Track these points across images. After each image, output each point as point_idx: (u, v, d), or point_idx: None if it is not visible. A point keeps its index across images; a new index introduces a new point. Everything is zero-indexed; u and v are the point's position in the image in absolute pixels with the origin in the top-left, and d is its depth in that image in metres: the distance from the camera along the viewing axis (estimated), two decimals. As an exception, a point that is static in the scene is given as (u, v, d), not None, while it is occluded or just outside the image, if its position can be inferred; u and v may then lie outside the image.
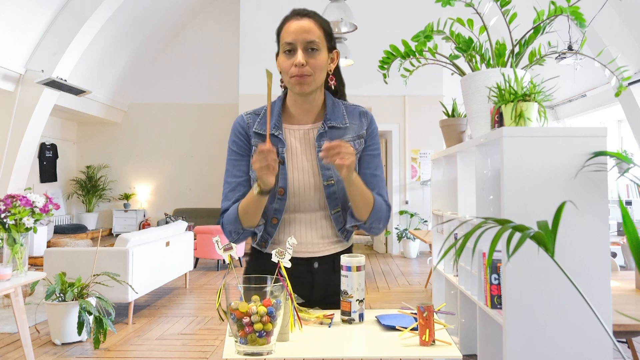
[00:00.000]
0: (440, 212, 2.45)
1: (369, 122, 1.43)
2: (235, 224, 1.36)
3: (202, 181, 10.38)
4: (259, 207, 1.32)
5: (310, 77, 1.33)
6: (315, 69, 1.33)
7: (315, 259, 1.41)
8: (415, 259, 7.76)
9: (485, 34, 1.77)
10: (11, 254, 2.64)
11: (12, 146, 6.65)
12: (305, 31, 1.31)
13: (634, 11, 5.50)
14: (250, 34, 8.54)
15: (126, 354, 3.40)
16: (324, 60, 1.35)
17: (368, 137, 1.42)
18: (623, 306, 2.00)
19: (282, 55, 1.35)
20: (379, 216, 1.37)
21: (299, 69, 1.31)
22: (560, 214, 0.88)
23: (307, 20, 1.33)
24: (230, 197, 1.40)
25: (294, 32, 1.32)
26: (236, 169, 1.42)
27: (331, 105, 1.42)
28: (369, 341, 1.16)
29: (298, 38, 1.31)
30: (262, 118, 1.42)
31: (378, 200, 1.36)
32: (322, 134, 1.38)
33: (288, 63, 1.33)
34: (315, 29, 1.33)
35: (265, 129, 1.39)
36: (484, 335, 1.69)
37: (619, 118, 7.80)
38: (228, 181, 1.42)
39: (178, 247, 5.13)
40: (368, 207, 1.34)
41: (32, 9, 6.09)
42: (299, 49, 1.31)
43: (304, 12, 1.36)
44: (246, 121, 1.43)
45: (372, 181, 1.40)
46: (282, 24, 1.37)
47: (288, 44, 1.32)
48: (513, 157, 1.39)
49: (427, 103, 8.26)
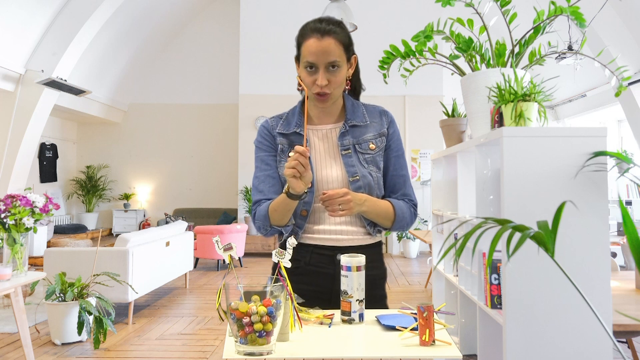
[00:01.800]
0: (440, 212, 2.45)
1: (390, 122, 1.50)
2: (264, 221, 1.41)
3: (202, 181, 10.38)
4: (287, 209, 1.37)
5: (330, 94, 1.40)
6: (336, 86, 1.40)
7: (340, 249, 1.44)
8: (415, 259, 7.76)
9: (485, 34, 1.77)
10: (11, 254, 2.64)
11: (12, 146, 6.65)
12: (326, 52, 1.36)
13: (634, 11, 5.50)
14: (250, 34, 8.54)
15: (126, 354, 3.40)
16: (343, 75, 1.42)
17: (391, 139, 1.49)
18: (623, 306, 2.00)
19: (303, 70, 1.41)
20: (402, 224, 1.46)
21: (321, 88, 1.37)
22: (560, 214, 0.88)
23: (328, 40, 1.36)
24: (261, 188, 1.46)
25: (315, 53, 1.36)
26: (264, 163, 1.48)
27: (351, 106, 1.49)
28: (369, 341, 1.16)
29: (320, 60, 1.36)
30: (284, 120, 1.50)
31: (399, 209, 1.44)
32: (344, 133, 1.45)
33: (310, 80, 1.39)
34: (335, 49, 1.37)
35: (289, 129, 1.47)
36: (484, 335, 1.69)
37: (619, 118, 7.80)
38: (257, 176, 1.48)
39: (178, 247, 5.13)
40: (389, 220, 1.44)
41: (32, 9, 6.09)
42: (321, 69, 1.37)
43: (325, 29, 1.37)
44: (270, 124, 1.51)
45: (398, 182, 1.49)
46: (302, 37, 1.40)
47: (309, 63, 1.37)
48: (513, 157, 1.39)
49: (427, 103, 8.26)
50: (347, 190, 1.33)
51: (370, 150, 1.45)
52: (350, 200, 1.31)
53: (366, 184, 1.42)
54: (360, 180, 1.42)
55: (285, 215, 1.38)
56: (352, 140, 1.45)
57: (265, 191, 1.44)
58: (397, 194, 1.49)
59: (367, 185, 1.42)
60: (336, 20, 1.42)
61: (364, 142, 1.45)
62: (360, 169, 1.42)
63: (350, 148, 1.44)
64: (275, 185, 1.45)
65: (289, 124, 1.48)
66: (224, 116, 10.16)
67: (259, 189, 1.46)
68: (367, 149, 1.45)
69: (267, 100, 8.42)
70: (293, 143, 1.45)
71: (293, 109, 1.52)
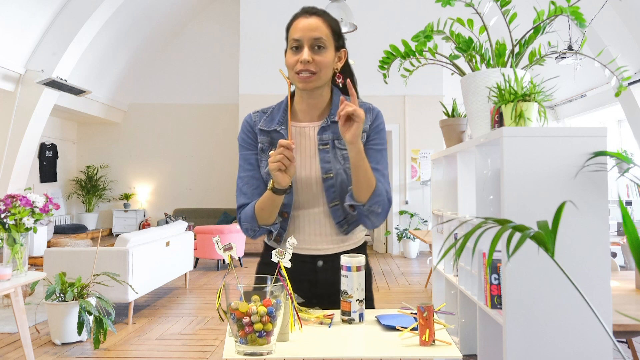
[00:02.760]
0: (440, 212, 2.45)
1: (374, 118, 1.43)
2: (252, 222, 1.38)
3: (202, 181, 10.38)
4: (274, 205, 1.34)
5: (315, 75, 1.34)
6: (321, 67, 1.34)
7: (320, 257, 1.42)
8: (415, 259, 7.76)
9: (485, 34, 1.77)
10: (11, 254, 2.64)
11: (12, 146, 6.65)
12: (312, 29, 1.33)
13: (634, 11, 5.50)
14: (250, 34, 8.53)
15: (126, 354, 3.40)
16: (330, 58, 1.36)
17: (372, 132, 1.42)
18: (623, 306, 2.00)
19: (288, 51, 1.37)
20: (378, 200, 1.33)
21: (304, 65, 1.33)
22: (560, 214, 0.88)
23: (315, 19, 1.36)
24: (245, 190, 1.42)
25: (301, 29, 1.34)
26: (247, 162, 1.45)
27: (337, 102, 1.43)
28: (369, 341, 1.16)
29: (305, 35, 1.33)
30: (268, 116, 1.45)
31: (380, 185, 1.34)
32: (325, 127, 1.40)
33: (294, 59, 1.35)
34: (322, 27, 1.35)
35: (270, 126, 1.43)
36: (484, 335, 1.69)
37: (619, 118, 7.80)
38: (241, 176, 1.45)
39: (178, 247, 5.12)
40: (370, 187, 1.32)
41: (32, 9, 6.09)
42: (306, 46, 1.33)
43: (313, 10, 1.38)
44: (253, 119, 1.47)
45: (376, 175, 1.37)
46: (291, 21, 1.39)
47: (295, 40, 1.34)
48: (513, 157, 1.39)
49: (427, 103, 8.26)
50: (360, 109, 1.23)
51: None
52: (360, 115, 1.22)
53: (339, 183, 1.37)
54: (333, 179, 1.37)
55: (272, 212, 1.35)
56: (332, 135, 1.40)
57: (249, 194, 1.41)
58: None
59: (340, 184, 1.37)
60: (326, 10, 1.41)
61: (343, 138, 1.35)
62: (335, 166, 1.37)
63: (328, 143, 1.39)
64: (259, 187, 1.42)
65: (272, 120, 1.44)
66: (224, 116, 10.16)
67: (243, 190, 1.42)
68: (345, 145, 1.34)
69: (267, 100, 8.29)
70: (274, 141, 1.41)
71: (279, 104, 1.47)
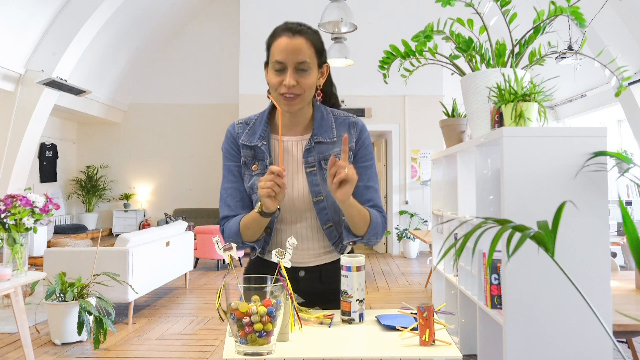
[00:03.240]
0: (440, 212, 2.45)
1: (359, 133, 1.40)
2: (235, 238, 1.36)
3: (202, 181, 10.38)
4: (259, 226, 1.33)
5: (298, 97, 1.32)
6: (305, 88, 1.32)
7: (302, 268, 1.42)
8: (415, 259, 7.76)
9: (485, 34, 1.77)
10: (11, 254, 2.64)
11: (12, 146, 6.65)
12: (296, 52, 1.28)
13: (634, 11, 5.50)
14: (250, 34, 8.53)
15: (126, 354, 3.40)
16: (313, 79, 1.34)
17: (359, 149, 1.40)
18: (623, 306, 2.00)
19: (271, 71, 1.33)
20: (376, 231, 1.35)
21: (288, 88, 1.30)
22: (560, 214, 0.88)
23: (299, 39, 1.30)
24: (228, 202, 1.41)
25: (284, 51, 1.29)
26: (231, 174, 1.42)
27: (319, 118, 1.40)
28: (369, 341, 1.16)
29: (289, 58, 1.29)
30: (250, 129, 1.42)
31: (374, 215, 1.34)
32: (309, 149, 1.37)
33: (277, 80, 1.31)
34: (306, 49, 1.30)
35: (252, 140, 1.40)
36: (484, 335, 1.69)
37: (619, 118, 7.80)
38: (225, 187, 1.43)
39: (178, 247, 5.13)
40: (365, 224, 1.33)
41: (32, 9, 6.09)
42: (289, 69, 1.29)
43: (296, 28, 1.31)
44: (236, 131, 1.44)
45: (365, 193, 1.38)
46: (273, 38, 1.33)
47: (278, 62, 1.30)
48: (513, 157, 1.39)
49: (427, 103, 8.26)
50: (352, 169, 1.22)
51: None
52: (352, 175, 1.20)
53: (330, 204, 1.36)
54: (324, 201, 1.36)
55: (257, 231, 1.35)
56: (318, 156, 1.36)
57: (232, 206, 1.40)
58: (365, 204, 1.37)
59: (332, 205, 1.36)
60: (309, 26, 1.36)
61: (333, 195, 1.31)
62: (325, 189, 1.35)
63: (315, 165, 1.37)
64: (243, 199, 1.40)
65: (254, 134, 1.40)
66: (224, 116, 10.16)
67: (227, 202, 1.41)
68: None
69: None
70: (257, 155, 1.39)
71: (260, 116, 1.44)
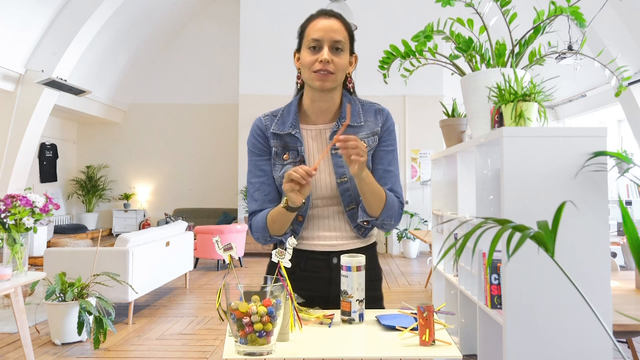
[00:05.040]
0: (440, 212, 2.45)
1: (385, 119, 1.46)
2: (263, 232, 1.39)
3: (202, 181, 10.38)
4: (286, 220, 1.35)
5: (332, 75, 1.36)
6: (339, 68, 1.36)
7: (335, 253, 1.42)
8: (415, 259, 7.76)
9: (485, 34, 1.77)
10: (11, 254, 2.64)
11: (12, 146, 6.65)
12: (333, 30, 1.35)
13: (634, 11, 5.50)
14: (250, 34, 8.53)
15: (126, 354, 3.40)
16: (346, 61, 1.39)
17: (383, 134, 1.45)
18: (623, 306, 2.00)
19: (305, 51, 1.37)
20: (390, 213, 1.38)
21: (323, 64, 1.33)
22: (560, 214, 0.88)
23: (335, 21, 1.37)
24: (256, 197, 1.44)
25: (322, 29, 1.35)
26: (258, 169, 1.45)
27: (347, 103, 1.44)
28: (369, 341, 1.16)
29: (326, 36, 1.34)
30: (279, 119, 1.45)
31: (390, 197, 1.38)
32: (336, 131, 1.41)
33: (312, 58, 1.35)
34: (342, 30, 1.37)
35: (283, 129, 1.42)
36: (484, 335, 1.69)
37: (619, 118, 7.80)
38: (252, 182, 1.46)
39: (178, 247, 5.13)
40: (380, 203, 1.36)
41: (32, 9, 6.09)
42: (325, 47, 1.34)
43: (332, 12, 1.40)
44: (264, 123, 1.46)
45: (385, 176, 1.42)
46: (308, 21, 1.40)
47: (315, 40, 1.35)
48: (513, 157, 1.39)
49: (427, 103, 8.26)
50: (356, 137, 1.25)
51: None
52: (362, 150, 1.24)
53: (354, 186, 1.38)
54: (348, 182, 1.39)
55: (284, 225, 1.37)
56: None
57: (260, 200, 1.42)
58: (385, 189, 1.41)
59: (355, 187, 1.38)
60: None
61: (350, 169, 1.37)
62: (349, 170, 1.37)
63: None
64: (270, 193, 1.43)
65: (283, 124, 1.43)
66: (224, 116, 10.16)
67: (255, 197, 1.43)
68: None
69: (267, 100, 8.39)
70: (287, 145, 1.41)
71: (288, 107, 1.47)
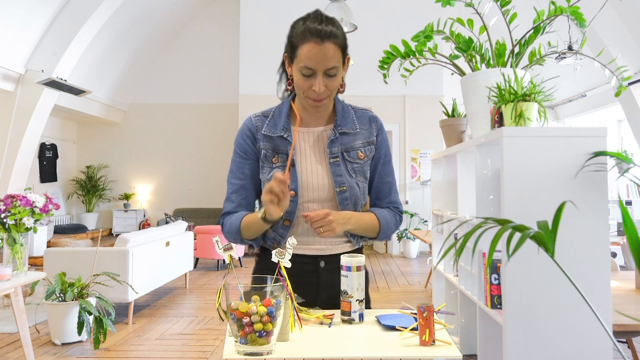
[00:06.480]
0: (440, 212, 2.45)
1: (379, 129, 1.47)
2: (235, 234, 1.39)
3: (202, 181, 10.38)
4: (260, 228, 1.35)
5: (326, 99, 1.36)
6: (333, 90, 1.35)
7: (323, 257, 1.42)
8: (415, 259, 7.76)
9: (485, 34, 1.77)
10: (11, 254, 2.64)
11: (12, 146, 6.64)
12: (326, 58, 1.29)
13: (634, 11, 5.50)
14: (250, 34, 8.53)
15: (126, 354, 3.40)
16: (339, 79, 1.37)
17: (380, 146, 1.46)
18: (623, 306, 2.00)
19: (298, 73, 1.32)
20: (387, 233, 1.45)
21: (318, 95, 1.33)
22: (560, 214, 0.88)
23: (329, 44, 1.28)
24: (233, 198, 1.43)
25: (315, 58, 1.28)
26: (240, 171, 1.43)
27: (341, 110, 1.44)
28: (369, 341, 1.16)
29: (319, 65, 1.29)
30: (270, 120, 1.44)
31: (384, 220, 1.43)
32: (333, 140, 1.41)
33: (306, 84, 1.32)
34: (336, 53, 1.30)
35: (274, 131, 1.41)
36: (484, 335, 1.69)
37: (619, 118, 7.79)
38: (232, 182, 1.44)
39: (178, 247, 5.12)
40: (374, 232, 1.43)
41: (32, 9, 6.09)
42: (319, 76, 1.31)
43: (325, 33, 1.28)
44: (254, 124, 1.44)
45: (383, 189, 1.47)
46: (300, 39, 1.30)
47: (307, 68, 1.30)
48: (513, 157, 1.39)
49: (427, 103, 8.26)
50: (328, 211, 1.29)
51: (358, 159, 1.41)
52: (332, 221, 1.29)
53: (353, 195, 1.39)
54: (347, 192, 1.38)
55: (257, 232, 1.37)
56: (341, 147, 1.40)
57: (236, 203, 1.42)
58: (383, 201, 1.48)
59: (353, 197, 1.39)
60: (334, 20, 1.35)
61: (352, 150, 1.41)
62: (348, 179, 1.39)
63: (338, 156, 1.40)
64: (248, 197, 1.43)
65: (275, 126, 1.41)
66: (224, 116, 10.16)
67: (231, 198, 1.43)
68: (355, 158, 1.41)
69: (267, 100, 8.36)
70: (278, 148, 1.40)
71: (279, 108, 1.45)
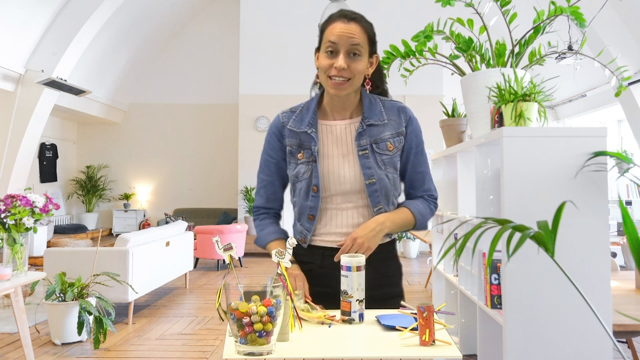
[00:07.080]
0: (440, 212, 2.45)
1: (408, 119, 1.45)
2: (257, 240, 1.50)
3: (202, 181, 10.38)
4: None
5: (348, 82, 1.36)
6: (355, 73, 1.35)
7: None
8: (415, 259, 7.76)
9: (485, 34, 1.77)
10: (11, 254, 2.64)
11: (12, 146, 6.64)
12: (350, 35, 1.33)
13: (634, 11, 5.50)
14: (250, 34, 8.53)
15: (126, 354, 3.40)
16: (363, 66, 1.37)
17: (411, 136, 1.45)
18: (623, 306, 2.00)
19: (323, 54, 1.36)
20: (423, 224, 1.46)
21: (339, 71, 1.33)
22: (560, 214, 0.88)
23: (354, 25, 1.35)
24: (262, 193, 1.51)
25: (339, 34, 1.33)
26: (267, 167, 1.49)
27: (368, 103, 1.44)
28: (369, 341, 1.16)
29: (342, 40, 1.33)
30: (297, 115, 1.46)
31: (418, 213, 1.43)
32: (361, 132, 1.41)
33: (328, 62, 1.35)
34: (360, 34, 1.35)
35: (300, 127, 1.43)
36: (484, 335, 1.69)
37: (619, 118, 7.79)
38: (261, 177, 1.51)
39: (178, 247, 5.12)
40: (410, 226, 1.44)
41: (32, 9, 6.09)
42: (342, 52, 1.33)
43: (352, 15, 1.36)
44: (281, 120, 1.47)
45: (417, 178, 1.47)
46: (328, 22, 1.38)
47: (332, 43, 1.34)
48: (513, 157, 1.39)
49: (427, 103, 8.25)
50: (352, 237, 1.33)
51: (388, 151, 1.41)
52: (362, 243, 1.32)
53: (382, 187, 1.39)
54: (376, 184, 1.39)
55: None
56: (369, 139, 1.40)
57: (265, 198, 1.50)
58: (417, 191, 1.47)
59: (383, 188, 1.39)
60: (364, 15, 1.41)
61: (381, 142, 1.40)
62: (377, 171, 1.39)
63: (367, 148, 1.39)
64: (275, 193, 1.50)
65: (301, 121, 1.43)
66: (224, 116, 10.16)
67: (260, 193, 1.51)
68: (385, 149, 1.41)
69: (267, 100, 8.42)
70: (302, 143, 1.41)
71: (308, 104, 1.47)
